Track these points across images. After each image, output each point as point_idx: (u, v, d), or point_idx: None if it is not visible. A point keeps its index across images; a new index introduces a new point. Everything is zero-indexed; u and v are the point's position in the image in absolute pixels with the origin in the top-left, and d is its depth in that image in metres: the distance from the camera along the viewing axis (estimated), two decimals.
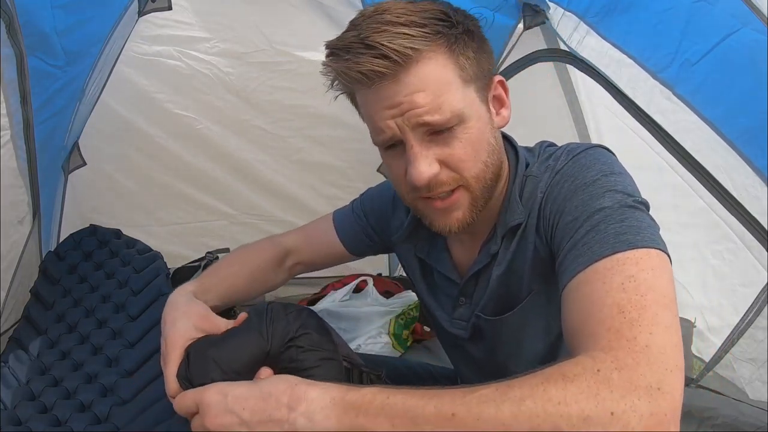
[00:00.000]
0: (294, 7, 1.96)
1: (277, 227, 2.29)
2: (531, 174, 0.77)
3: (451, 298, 0.89)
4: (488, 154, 0.72)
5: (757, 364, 1.38)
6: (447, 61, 0.67)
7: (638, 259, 0.58)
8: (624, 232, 0.60)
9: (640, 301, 0.54)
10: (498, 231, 0.79)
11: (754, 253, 1.27)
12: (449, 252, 0.88)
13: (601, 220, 0.62)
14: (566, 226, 0.66)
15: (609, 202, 0.63)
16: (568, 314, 0.61)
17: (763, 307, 1.32)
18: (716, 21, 1.08)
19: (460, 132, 0.69)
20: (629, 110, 1.35)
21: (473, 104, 0.70)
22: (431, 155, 0.69)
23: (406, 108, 0.67)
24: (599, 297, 0.57)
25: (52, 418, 1.30)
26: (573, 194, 0.67)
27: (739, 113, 1.14)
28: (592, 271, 0.59)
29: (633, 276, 0.57)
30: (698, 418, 1.43)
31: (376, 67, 0.64)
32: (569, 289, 0.62)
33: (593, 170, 0.68)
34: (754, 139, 1.13)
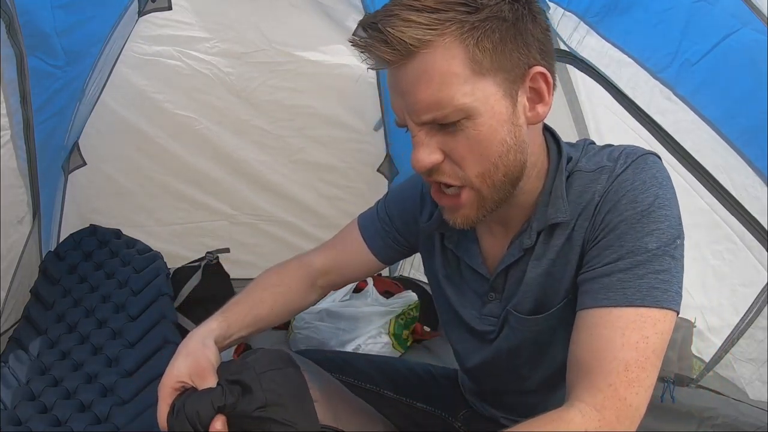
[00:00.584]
0: (294, 7, 1.96)
1: (277, 227, 2.29)
2: (579, 169, 0.73)
3: (479, 294, 0.85)
4: (500, 154, 0.66)
5: (757, 364, 1.38)
6: (456, 51, 0.62)
7: (657, 320, 0.64)
8: (656, 287, 0.64)
9: (643, 363, 0.62)
10: (533, 225, 0.75)
11: (754, 253, 1.27)
12: (479, 244, 0.84)
13: (643, 263, 0.65)
14: (609, 248, 0.68)
15: (655, 244, 0.65)
16: (579, 343, 0.66)
17: (763, 307, 1.32)
18: (716, 21, 1.08)
19: (468, 126, 0.65)
20: (629, 110, 1.35)
21: (488, 99, 0.64)
22: (434, 144, 0.67)
23: (409, 99, 0.65)
24: (613, 348, 0.63)
25: (52, 418, 1.30)
26: (627, 219, 0.67)
27: (739, 113, 1.14)
28: (616, 316, 0.64)
29: (648, 337, 0.63)
30: (698, 418, 1.43)
31: (381, 53, 0.63)
32: (589, 317, 0.66)
33: (650, 193, 0.67)
34: (754, 139, 1.13)
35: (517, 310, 0.80)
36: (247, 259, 2.29)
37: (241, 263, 2.26)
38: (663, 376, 1.48)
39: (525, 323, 0.80)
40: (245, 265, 2.28)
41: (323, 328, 1.89)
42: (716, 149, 1.21)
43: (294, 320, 1.95)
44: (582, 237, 0.72)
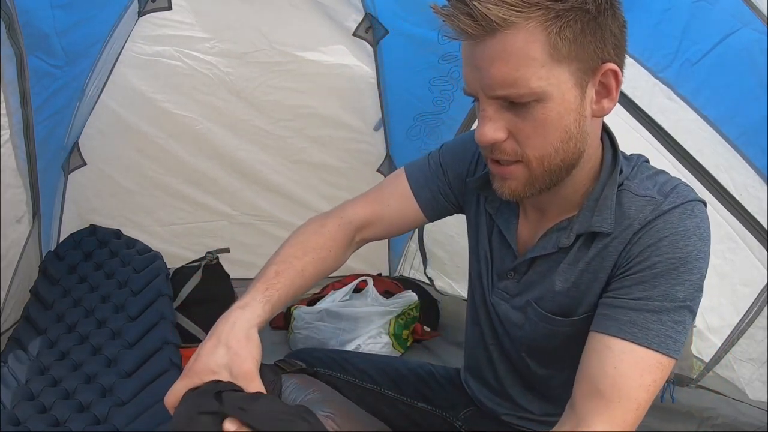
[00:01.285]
0: (294, 7, 1.96)
1: (278, 228, 2.29)
2: (629, 190, 0.74)
3: (502, 268, 0.87)
4: (562, 140, 0.68)
5: (757, 364, 1.38)
6: (538, 36, 0.63)
7: (665, 366, 0.69)
8: (671, 336, 0.69)
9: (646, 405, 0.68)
10: (575, 227, 0.76)
11: (755, 253, 1.28)
12: (518, 218, 0.85)
13: (668, 311, 0.69)
14: (643, 283, 0.70)
15: (683, 294, 0.69)
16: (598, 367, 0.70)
17: (763, 307, 1.32)
18: (716, 21, 1.09)
19: (537, 109, 0.66)
20: (629, 110, 1.35)
21: (560, 85, 0.65)
22: (501, 121, 0.68)
23: (484, 75, 0.66)
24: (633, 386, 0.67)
25: (51, 418, 1.30)
26: (667, 261, 0.69)
27: (740, 113, 1.15)
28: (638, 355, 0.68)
29: (656, 381, 0.68)
30: (698, 418, 1.43)
31: (464, 26, 0.63)
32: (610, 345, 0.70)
33: (690, 243, 0.70)
34: (755, 139, 1.13)
35: (540, 306, 0.82)
36: (247, 259, 2.29)
37: (241, 263, 2.25)
38: None
39: (545, 320, 0.82)
40: (245, 265, 2.28)
41: (323, 328, 1.89)
42: (716, 149, 1.22)
43: (294, 320, 1.95)
44: (615, 257, 0.73)
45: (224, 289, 1.99)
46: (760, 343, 1.36)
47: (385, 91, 2.07)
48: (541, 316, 0.82)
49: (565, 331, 0.81)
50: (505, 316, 0.88)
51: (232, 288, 2.03)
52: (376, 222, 0.96)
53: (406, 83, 1.93)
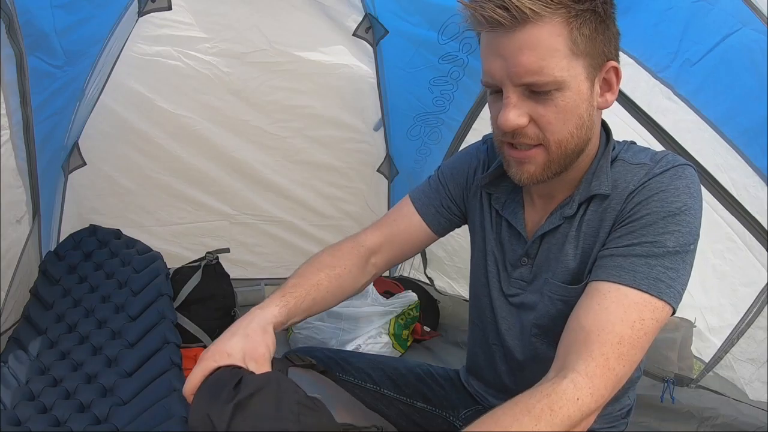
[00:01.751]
0: (294, 7, 1.96)
1: (277, 227, 2.29)
2: (623, 159, 0.82)
3: (514, 257, 0.92)
4: (577, 126, 0.76)
5: (757, 364, 1.38)
6: (561, 30, 0.70)
7: (655, 307, 0.72)
8: (662, 280, 0.72)
9: (635, 341, 0.70)
10: (576, 197, 0.83)
11: (755, 253, 1.28)
12: (524, 208, 0.91)
13: (657, 255, 0.73)
14: (632, 233, 0.76)
15: (672, 243, 0.73)
16: (584, 309, 0.74)
17: (763, 307, 1.32)
18: (716, 21, 1.09)
19: (557, 97, 0.73)
20: (629, 110, 1.35)
21: (576, 77, 0.73)
22: (524, 108, 0.74)
23: (511, 63, 0.72)
24: (613, 321, 0.70)
25: (51, 418, 1.30)
26: (654, 213, 0.74)
27: (740, 113, 1.15)
28: (623, 294, 0.72)
29: (644, 320, 0.71)
30: (698, 418, 1.43)
31: (495, 15, 0.69)
32: (598, 288, 0.74)
33: (680, 200, 0.74)
34: (755, 139, 1.13)
35: (554, 279, 0.85)
36: (247, 259, 2.29)
37: (241, 263, 2.26)
38: (663, 376, 1.48)
39: (560, 291, 0.85)
40: (245, 265, 2.28)
41: (323, 328, 1.89)
42: (717, 149, 1.21)
43: None
44: (613, 217, 0.79)
45: (224, 288, 1.99)
46: (760, 343, 1.36)
47: (385, 91, 2.07)
48: (557, 288, 0.85)
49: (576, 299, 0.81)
50: (520, 304, 0.91)
51: (232, 288, 2.03)
52: (387, 244, 1.01)
53: (406, 83, 1.93)
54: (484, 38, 0.76)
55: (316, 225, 2.33)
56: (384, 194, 2.37)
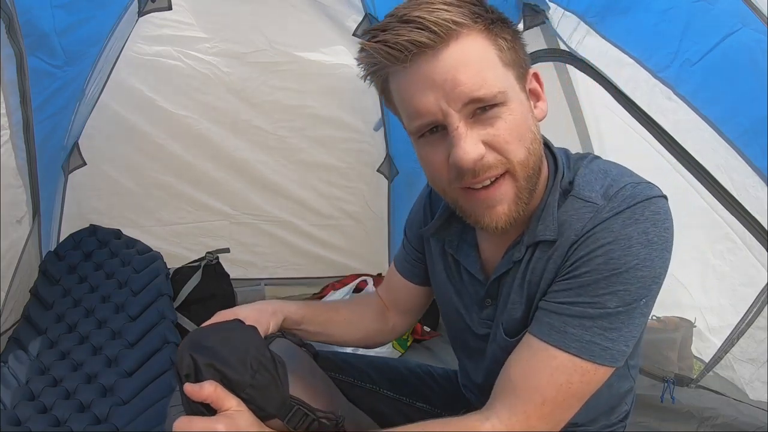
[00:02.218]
0: (294, 7, 1.96)
1: (277, 227, 2.29)
2: (577, 196, 0.72)
3: (477, 299, 0.86)
4: (531, 141, 0.69)
5: (757, 364, 1.38)
6: (486, 41, 0.66)
7: (586, 371, 0.68)
8: (597, 342, 0.67)
9: (560, 403, 0.68)
10: (524, 239, 0.76)
11: (755, 253, 1.27)
12: (478, 249, 0.85)
13: (593, 317, 0.67)
14: (569, 290, 0.69)
15: (614, 303, 0.66)
16: (514, 361, 0.72)
17: (763, 307, 1.32)
18: (716, 21, 1.08)
19: (504, 113, 0.66)
20: (629, 110, 1.35)
21: (514, 88, 0.68)
22: (476, 136, 0.66)
23: (448, 87, 0.64)
24: (539, 381, 0.68)
25: (51, 418, 1.30)
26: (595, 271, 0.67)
27: (740, 113, 1.14)
28: (551, 355, 0.69)
29: (572, 384, 0.68)
30: (698, 418, 1.43)
31: (416, 37, 0.63)
32: (530, 343, 0.71)
33: (632, 255, 0.65)
34: (755, 139, 1.13)
35: (501, 331, 0.81)
36: (247, 259, 2.29)
37: (241, 263, 2.26)
38: (663, 376, 1.48)
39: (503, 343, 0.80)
40: (245, 265, 2.28)
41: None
42: (717, 149, 1.21)
43: None
44: (555, 268, 0.72)
45: (224, 288, 1.99)
46: (760, 343, 1.35)
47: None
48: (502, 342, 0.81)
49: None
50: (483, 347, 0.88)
51: (232, 288, 2.03)
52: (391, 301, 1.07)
53: None
54: (401, 76, 0.67)
55: (316, 225, 2.33)
56: (384, 194, 2.37)
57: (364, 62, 0.70)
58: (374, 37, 0.66)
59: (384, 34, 0.65)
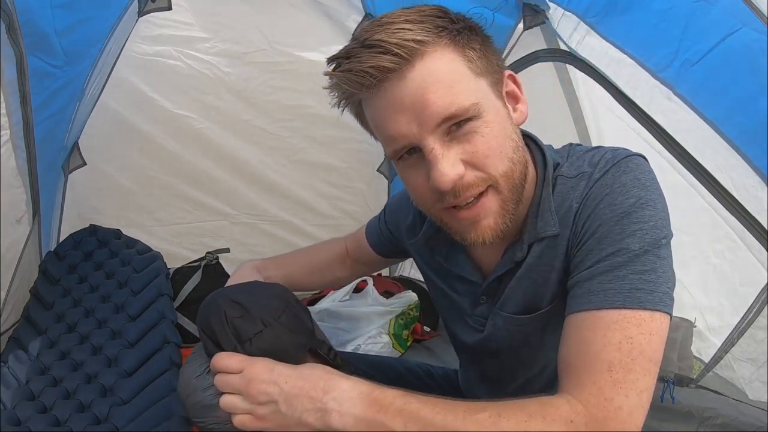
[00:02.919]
0: (294, 7, 1.96)
1: (277, 227, 2.29)
2: (561, 175, 0.74)
3: (471, 297, 0.87)
4: (513, 150, 0.68)
5: (757, 364, 1.38)
6: (454, 54, 0.65)
7: (641, 320, 0.62)
8: (639, 288, 0.63)
9: (628, 364, 0.61)
10: (525, 238, 0.75)
11: (754, 253, 1.27)
12: (468, 254, 0.85)
13: (623, 264, 0.64)
14: (590, 252, 0.67)
15: (637, 244, 0.64)
16: (565, 345, 0.67)
17: (763, 307, 1.32)
18: (716, 21, 1.08)
19: (480, 126, 0.65)
20: (629, 110, 1.35)
21: (488, 98, 0.67)
22: (453, 155, 0.65)
23: (419, 108, 0.63)
24: (596, 349, 0.62)
25: (51, 418, 1.30)
26: (606, 221, 0.66)
27: (740, 113, 1.14)
28: (598, 318, 0.64)
29: (632, 338, 0.61)
30: (698, 418, 1.43)
31: (379, 62, 0.62)
32: (573, 321, 0.67)
33: (631, 195, 0.66)
34: (755, 139, 1.13)
35: (504, 311, 0.81)
36: (247, 259, 2.28)
37: (241, 263, 2.25)
38: (663, 376, 1.48)
39: (512, 322, 0.81)
40: None
41: (323, 328, 1.89)
42: (717, 149, 1.21)
43: None
44: (565, 244, 0.72)
45: None
46: (760, 343, 1.35)
47: None
48: (507, 320, 0.81)
49: (534, 328, 0.81)
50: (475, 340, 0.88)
51: None
52: (355, 250, 1.13)
53: None
54: (372, 102, 0.67)
55: (316, 225, 2.33)
56: (384, 194, 2.37)
57: (333, 90, 0.69)
58: (339, 66, 0.66)
59: (348, 62, 0.64)
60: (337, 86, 0.68)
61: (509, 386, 0.91)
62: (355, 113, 0.75)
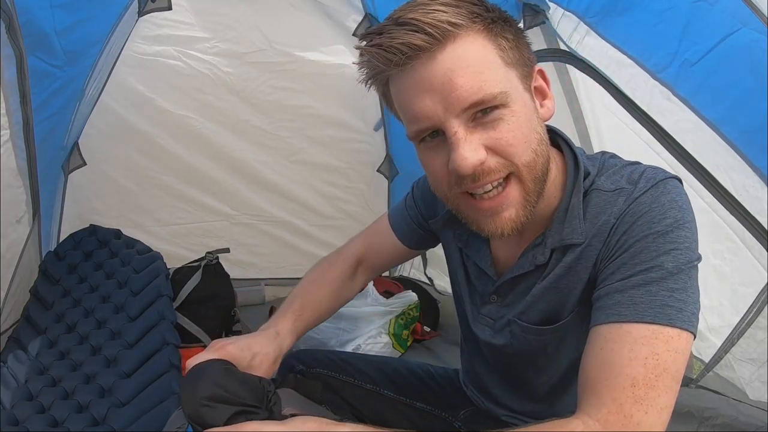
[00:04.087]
0: (294, 7, 1.96)
1: (277, 227, 2.29)
2: (597, 188, 0.72)
3: (482, 294, 0.86)
4: (538, 142, 0.67)
5: (757, 364, 1.38)
6: (486, 41, 0.64)
7: (669, 337, 0.62)
8: (670, 305, 0.63)
9: (652, 381, 0.60)
10: (548, 242, 0.74)
11: (754, 253, 1.27)
12: (489, 245, 0.84)
13: (657, 280, 0.64)
14: (623, 266, 0.67)
15: (671, 263, 0.64)
16: (589, 357, 0.65)
17: (763, 307, 1.32)
18: (716, 21, 1.08)
19: (506, 115, 0.64)
20: (629, 110, 1.35)
21: (517, 89, 0.66)
22: (476, 140, 0.64)
23: (446, 91, 0.63)
24: (620, 363, 0.61)
25: (49, 418, 1.30)
26: (643, 238, 0.66)
27: (739, 113, 1.14)
28: (626, 331, 0.63)
29: (658, 354, 0.61)
30: (698, 418, 1.43)
31: (411, 39, 0.61)
32: (599, 332, 0.65)
33: (669, 216, 0.66)
34: (754, 139, 1.13)
35: (522, 320, 0.80)
36: (247, 259, 2.29)
37: (241, 263, 2.26)
38: None
39: (531, 332, 0.80)
40: (245, 265, 2.28)
41: (323, 328, 1.89)
42: (716, 149, 1.21)
43: None
44: (595, 256, 0.71)
45: (224, 288, 1.99)
46: (760, 343, 1.35)
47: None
48: (527, 330, 0.81)
49: (553, 338, 0.80)
50: (488, 343, 0.88)
51: (232, 288, 2.03)
52: (369, 254, 1.05)
53: None
54: (400, 80, 0.66)
55: (316, 225, 2.33)
56: (384, 194, 2.37)
57: (363, 66, 0.69)
58: (371, 41, 0.65)
59: (380, 37, 0.64)
60: (367, 63, 0.67)
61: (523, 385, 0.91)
62: (381, 93, 0.73)
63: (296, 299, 0.96)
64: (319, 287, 0.99)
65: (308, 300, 0.96)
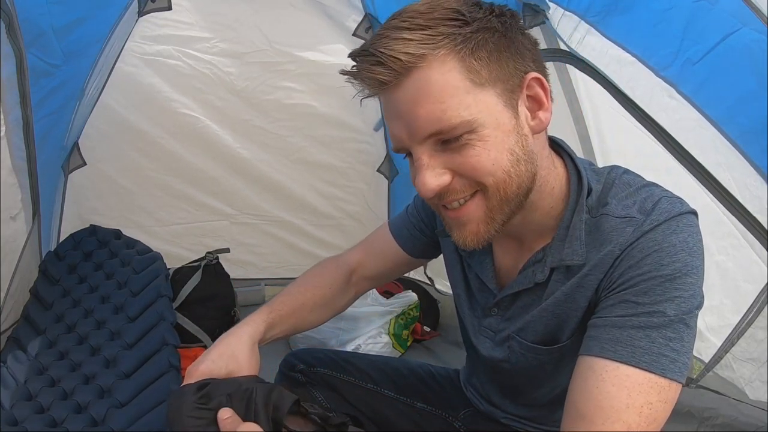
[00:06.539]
0: (294, 7, 1.96)
1: (277, 227, 2.29)
2: (606, 213, 0.70)
3: (483, 305, 0.86)
4: (512, 164, 0.65)
5: (757, 364, 1.38)
6: (453, 64, 0.61)
7: (661, 388, 0.62)
8: (666, 354, 0.63)
9: (644, 429, 0.61)
10: (548, 260, 0.74)
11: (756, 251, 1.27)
12: (492, 256, 0.83)
13: (657, 327, 0.63)
14: (625, 302, 0.66)
15: (673, 311, 0.63)
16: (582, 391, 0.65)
17: (763, 307, 1.32)
18: (717, 20, 1.08)
19: (473, 140, 0.63)
20: (629, 110, 1.35)
21: (490, 110, 0.63)
22: (440, 165, 0.65)
23: (410, 119, 0.63)
24: (618, 408, 0.61)
25: (48, 418, 1.30)
26: (650, 279, 0.64)
27: (740, 112, 1.14)
28: (623, 374, 0.63)
29: (651, 404, 0.62)
30: (698, 418, 1.43)
31: (375, 75, 0.62)
32: (594, 366, 0.65)
33: (678, 259, 0.64)
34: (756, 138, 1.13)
35: (521, 337, 0.80)
36: (247, 259, 2.29)
37: (241, 263, 2.25)
38: None
39: (529, 350, 0.80)
40: (245, 265, 2.28)
41: (323, 328, 1.89)
42: (718, 147, 1.21)
43: None
44: (596, 285, 0.70)
45: (224, 288, 1.99)
46: (760, 343, 1.35)
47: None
48: (525, 347, 0.81)
49: (552, 358, 0.80)
50: (489, 355, 0.87)
51: (232, 288, 2.03)
52: (366, 263, 1.03)
53: None
54: (383, 100, 0.68)
55: (316, 225, 2.33)
56: (384, 194, 2.37)
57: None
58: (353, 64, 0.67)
59: (355, 66, 0.66)
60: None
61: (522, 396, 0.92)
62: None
63: (277, 297, 0.94)
64: (305, 289, 0.97)
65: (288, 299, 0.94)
